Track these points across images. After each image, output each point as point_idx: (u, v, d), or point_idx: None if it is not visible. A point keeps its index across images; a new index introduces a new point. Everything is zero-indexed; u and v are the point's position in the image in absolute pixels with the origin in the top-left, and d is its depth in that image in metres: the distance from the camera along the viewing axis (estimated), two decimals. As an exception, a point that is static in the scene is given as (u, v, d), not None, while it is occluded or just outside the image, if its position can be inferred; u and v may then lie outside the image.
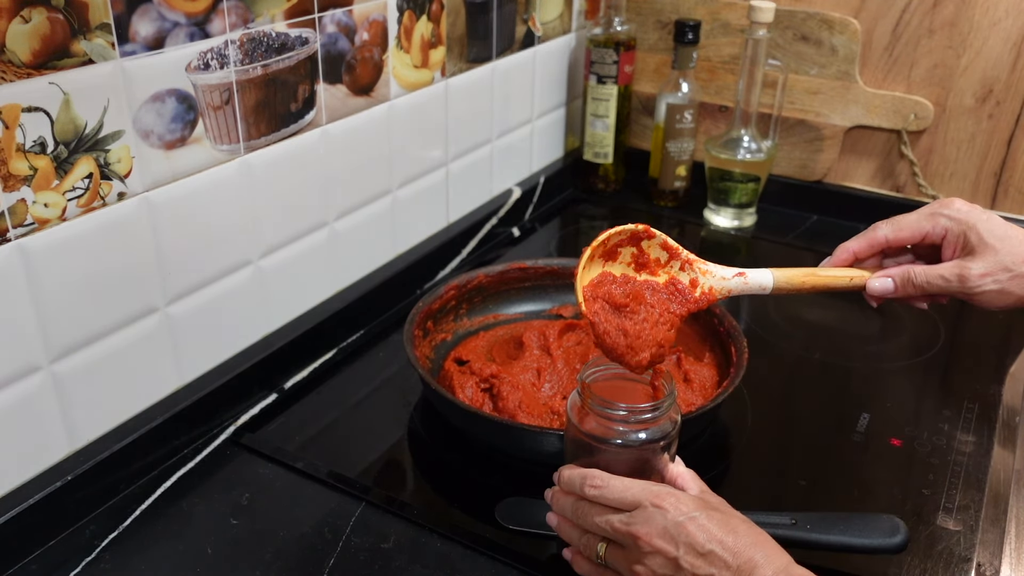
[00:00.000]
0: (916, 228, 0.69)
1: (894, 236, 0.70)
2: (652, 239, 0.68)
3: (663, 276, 0.68)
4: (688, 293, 0.68)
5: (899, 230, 0.69)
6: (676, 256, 0.68)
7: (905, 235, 0.69)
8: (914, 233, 0.69)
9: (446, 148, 1.10)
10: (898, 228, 0.69)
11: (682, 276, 0.68)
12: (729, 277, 0.69)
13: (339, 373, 0.93)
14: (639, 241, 0.68)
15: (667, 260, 0.68)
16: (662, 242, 0.68)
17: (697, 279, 0.69)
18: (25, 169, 0.63)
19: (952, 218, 0.68)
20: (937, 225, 0.68)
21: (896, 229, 0.69)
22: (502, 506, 0.73)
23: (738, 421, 0.85)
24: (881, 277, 0.70)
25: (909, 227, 0.69)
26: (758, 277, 0.70)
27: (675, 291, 0.68)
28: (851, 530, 0.66)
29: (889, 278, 0.70)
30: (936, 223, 0.68)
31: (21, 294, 0.65)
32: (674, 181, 1.32)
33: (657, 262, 0.68)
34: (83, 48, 0.65)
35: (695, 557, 0.55)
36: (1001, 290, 0.66)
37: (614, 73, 1.27)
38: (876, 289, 0.70)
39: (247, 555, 0.69)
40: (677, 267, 0.68)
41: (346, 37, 0.89)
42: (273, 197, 0.86)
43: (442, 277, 1.12)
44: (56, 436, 0.71)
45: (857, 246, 0.71)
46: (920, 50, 1.19)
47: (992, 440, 0.83)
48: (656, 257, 0.68)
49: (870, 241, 0.70)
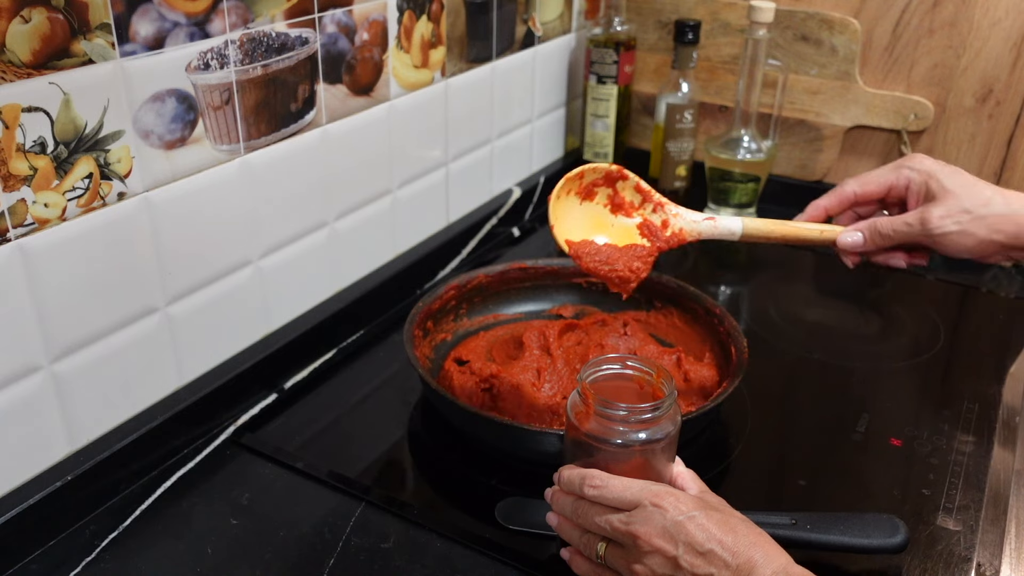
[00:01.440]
0: (882, 180, 0.72)
1: (861, 190, 0.73)
2: (626, 181, 0.73)
3: (637, 217, 0.73)
4: (660, 232, 0.73)
5: (866, 184, 0.73)
6: (649, 199, 0.74)
7: (872, 188, 0.72)
8: (880, 185, 0.72)
9: (446, 148, 1.10)
10: (865, 182, 0.73)
11: (654, 217, 0.74)
12: (699, 220, 0.75)
13: (339, 373, 0.93)
14: (614, 182, 0.73)
15: (640, 202, 0.74)
16: (635, 184, 0.73)
17: (668, 220, 0.74)
18: (25, 169, 0.63)
19: (915, 169, 0.71)
20: (901, 176, 0.71)
21: (863, 183, 0.73)
22: (502, 506, 0.73)
23: (738, 421, 0.85)
24: (851, 231, 0.73)
25: (875, 180, 0.73)
26: (728, 223, 0.74)
27: (648, 231, 0.73)
28: (851, 530, 0.66)
29: (858, 231, 0.73)
30: (900, 174, 0.72)
31: (21, 294, 0.65)
32: (674, 181, 1.32)
33: (631, 204, 0.74)
34: (83, 48, 0.65)
35: (694, 556, 0.55)
36: (962, 231, 0.68)
37: (614, 73, 1.27)
38: (847, 243, 0.73)
39: (247, 555, 0.69)
40: (650, 209, 0.74)
41: (346, 37, 0.89)
42: (273, 197, 0.86)
43: (442, 277, 1.12)
44: (56, 436, 0.71)
45: (827, 202, 0.74)
46: (920, 50, 1.19)
47: (992, 440, 0.83)
48: (631, 200, 0.73)
49: (839, 196, 0.74)
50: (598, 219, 0.73)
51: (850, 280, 1.15)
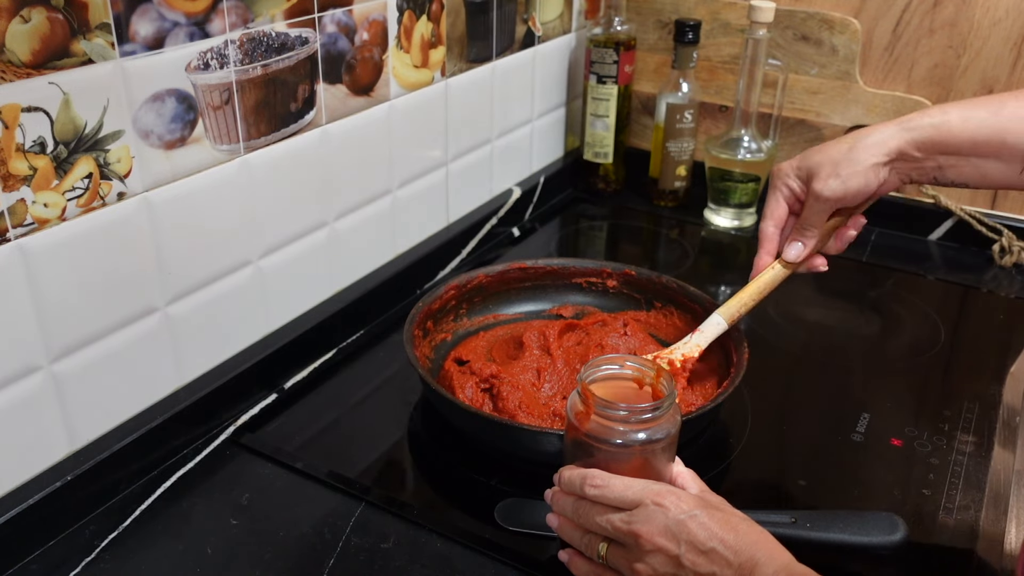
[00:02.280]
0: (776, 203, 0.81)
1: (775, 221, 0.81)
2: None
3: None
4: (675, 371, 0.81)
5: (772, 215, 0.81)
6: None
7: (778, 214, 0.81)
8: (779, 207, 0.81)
9: (446, 148, 1.10)
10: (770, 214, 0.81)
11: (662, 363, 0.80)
12: (688, 341, 0.83)
13: (339, 373, 0.93)
14: None
15: None
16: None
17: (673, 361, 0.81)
18: (25, 169, 0.63)
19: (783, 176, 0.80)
20: (783, 188, 0.80)
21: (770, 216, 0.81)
22: (502, 507, 0.73)
23: (738, 421, 0.85)
24: (787, 247, 0.81)
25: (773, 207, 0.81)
26: (711, 325, 0.83)
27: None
28: (851, 528, 0.66)
29: (793, 241, 0.80)
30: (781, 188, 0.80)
31: (21, 294, 0.65)
32: (674, 181, 1.32)
33: None
34: (83, 48, 0.65)
35: (696, 555, 0.55)
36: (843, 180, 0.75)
37: (614, 73, 1.27)
38: (792, 256, 0.81)
39: (247, 555, 0.69)
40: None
41: (346, 37, 0.89)
42: (273, 197, 0.86)
43: (442, 277, 1.12)
44: (56, 436, 0.71)
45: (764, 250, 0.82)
46: (920, 50, 1.19)
47: (992, 440, 0.83)
48: None
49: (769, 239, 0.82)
50: None
51: (850, 280, 1.15)
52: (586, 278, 1.00)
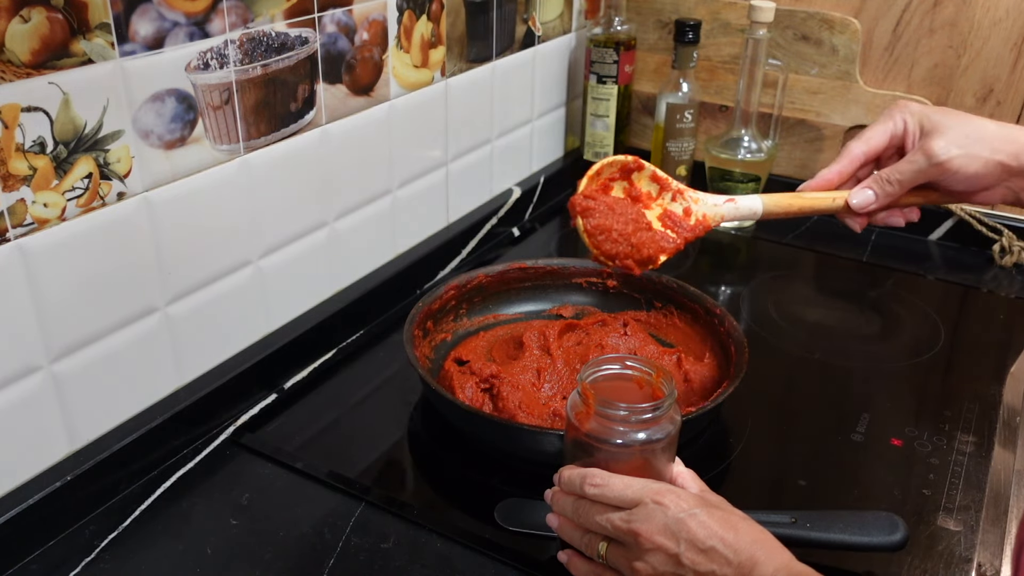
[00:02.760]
0: (882, 131, 0.73)
1: (867, 147, 0.73)
2: (642, 171, 0.70)
3: (656, 209, 0.70)
4: (683, 222, 0.70)
5: (869, 140, 0.73)
6: (667, 187, 0.70)
7: (875, 141, 0.73)
8: (882, 136, 0.73)
9: (446, 148, 1.10)
10: (868, 139, 0.73)
11: (674, 207, 0.70)
12: (720, 203, 0.72)
13: (339, 373, 0.93)
14: (629, 174, 0.70)
15: (658, 192, 0.71)
16: (651, 174, 0.70)
17: (690, 207, 0.71)
18: (24, 169, 0.63)
19: (908, 111, 0.73)
20: (897, 121, 0.72)
21: (867, 140, 0.73)
22: (501, 507, 0.73)
23: (738, 421, 0.85)
24: (859, 190, 0.73)
25: (876, 133, 0.73)
26: (748, 202, 0.72)
27: (670, 221, 0.70)
28: (851, 528, 0.66)
29: (867, 188, 0.73)
30: (896, 120, 0.73)
31: (21, 294, 0.65)
32: (674, 181, 1.32)
33: (649, 195, 0.70)
34: (83, 48, 0.65)
35: (696, 553, 0.55)
36: (966, 153, 0.68)
37: (614, 73, 1.27)
38: (859, 202, 0.73)
39: (247, 555, 0.69)
40: (669, 198, 0.70)
41: (346, 37, 0.89)
42: (273, 197, 0.86)
43: (442, 277, 1.12)
44: (56, 436, 0.71)
45: (838, 167, 0.74)
46: (920, 50, 1.19)
47: (992, 440, 0.82)
48: (647, 191, 0.70)
49: (849, 158, 0.73)
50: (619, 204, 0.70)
51: (850, 280, 1.15)
52: (586, 278, 1.00)
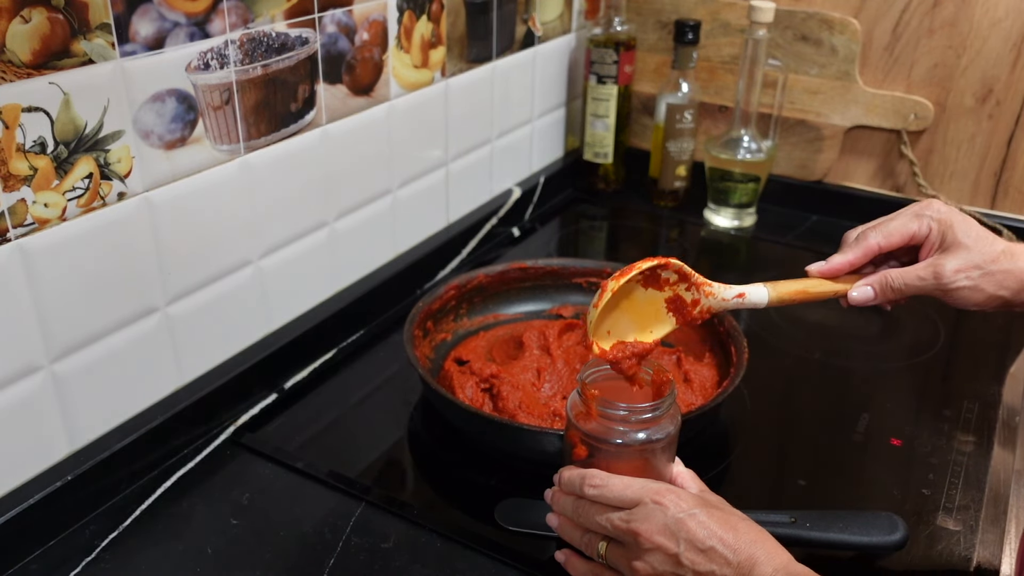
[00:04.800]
0: (905, 231, 0.70)
1: (886, 242, 0.71)
2: (668, 268, 0.68)
3: (668, 292, 0.69)
4: (686, 309, 0.70)
5: (889, 235, 0.71)
6: (686, 279, 0.69)
7: (895, 239, 0.71)
8: (903, 236, 0.71)
9: (446, 148, 1.10)
10: (888, 234, 0.71)
11: (686, 295, 0.70)
12: (729, 299, 0.71)
13: (339, 373, 0.93)
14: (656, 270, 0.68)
15: (676, 280, 0.69)
16: (677, 268, 0.69)
17: (699, 299, 0.70)
18: (25, 169, 0.63)
19: (934, 218, 0.70)
20: (923, 225, 0.70)
21: (887, 235, 0.71)
22: (501, 507, 0.73)
23: (738, 421, 0.85)
24: (861, 287, 0.72)
25: (898, 232, 0.71)
26: (754, 296, 0.71)
27: (674, 307, 0.70)
28: (850, 528, 0.66)
29: (868, 286, 0.71)
30: (922, 223, 0.70)
31: (21, 294, 0.65)
32: (674, 181, 1.32)
33: (666, 281, 0.69)
34: (83, 48, 0.65)
35: (695, 553, 0.56)
36: (974, 287, 0.68)
37: (614, 73, 1.27)
38: (858, 299, 0.72)
39: (247, 555, 0.69)
40: (684, 287, 0.70)
41: (346, 37, 0.89)
42: (273, 197, 0.86)
43: (442, 277, 1.12)
44: (56, 436, 0.71)
45: (852, 257, 0.72)
46: (920, 50, 1.19)
47: (992, 440, 0.83)
48: (666, 277, 0.69)
49: (864, 250, 0.72)
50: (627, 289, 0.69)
51: (850, 280, 1.15)
52: (586, 278, 1.00)
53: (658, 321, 0.70)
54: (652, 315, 0.69)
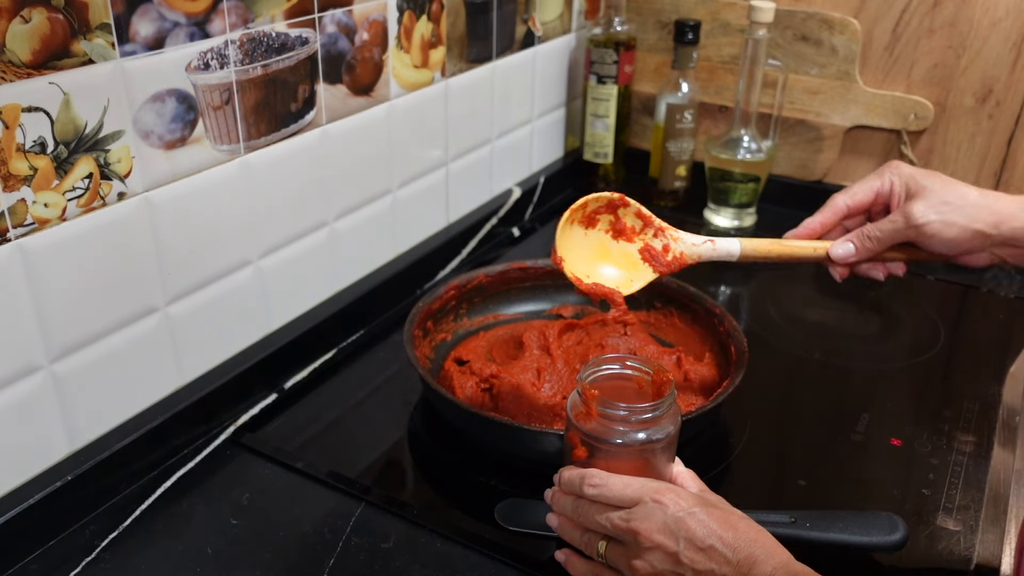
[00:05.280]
0: (868, 188, 0.74)
1: (852, 200, 0.75)
2: (627, 207, 0.75)
3: (639, 243, 0.76)
4: (661, 257, 0.76)
5: (854, 194, 0.75)
6: (649, 224, 0.76)
7: (860, 196, 0.74)
8: (867, 192, 0.74)
9: (446, 148, 1.10)
10: (853, 193, 0.75)
11: (655, 243, 0.76)
12: (699, 243, 0.76)
13: (339, 373, 0.93)
14: (615, 209, 0.75)
15: (641, 228, 0.76)
16: (636, 210, 0.75)
17: (669, 244, 0.76)
18: (25, 169, 0.63)
19: (897, 173, 0.74)
20: (885, 180, 0.74)
21: (851, 194, 0.75)
22: (501, 507, 0.73)
23: (738, 421, 0.85)
24: (841, 243, 0.75)
25: (862, 189, 0.75)
26: (726, 244, 0.76)
27: (649, 256, 0.76)
28: (850, 528, 0.66)
29: (848, 241, 0.75)
30: (884, 179, 0.74)
31: (21, 294, 0.65)
32: (674, 181, 1.32)
33: (632, 230, 0.76)
34: (83, 48, 0.65)
35: (695, 552, 0.56)
36: (943, 220, 0.70)
37: (614, 73, 1.27)
38: (839, 254, 0.75)
39: (247, 555, 0.69)
40: (651, 234, 0.76)
41: (346, 37, 0.89)
42: (273, 197, 0.86)
43: (442, 277, 1.12)
44: (56, 436, 0.71)
45: (821, 218, 0.76)
46: (920, 50, 1.19)
47: (992, 440, 0.83)
48: (631, 225, 0.76)
49: (832, 210, 0.75)
50: (601, 246, 0.76)
51: (850, 280, 1.15)
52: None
53: (637, 271, 0.75)
54: (631, 267, 0.75)
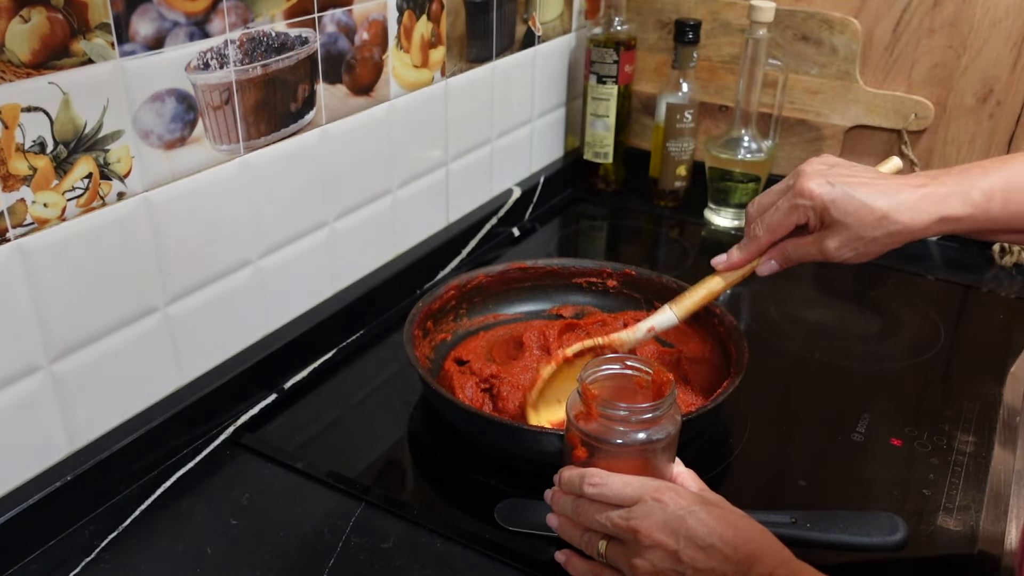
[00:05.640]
0: (787, 223, 0.76)
1: (775, 236, 0.77)
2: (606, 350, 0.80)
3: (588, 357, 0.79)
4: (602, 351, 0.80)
5: (774, 230, 0.76)
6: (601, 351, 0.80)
7: (781, 232, 0.77)
8: (787, 228, 0.76)
9: (446, 148, 1.10)
10: (773, 229, 0.76)
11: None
12: (642, 333, 0.81)
13: (339, 373, 0.93)
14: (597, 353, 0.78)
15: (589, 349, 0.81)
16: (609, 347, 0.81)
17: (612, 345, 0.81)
18: (25, 169, 0.63)
19: (809, 206, 0.74)
20: (800, 216, 0.74)
21: (771, 230, 0.77)
22: (501, 507, 0.73)
23: (738, 421, 0.85)
24: (765, 261, 0.78)
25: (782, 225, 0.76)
26: (664, 321, 0.81)
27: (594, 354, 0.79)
28: (851, 528, 0.66)
29: (772, 260, 0.78)
30: (799, 214, 0.74)
31: (21, 294, 0.65)
32: (674, 181, 1.32)
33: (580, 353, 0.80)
34: (83, 48, 0.65)
35: (695, 551, 0.56)
36: (859, 254, 0.73)
37: (614, 73, 1.27)
38: (764, 272, 0.79)
39: (247, 555, 0.69)
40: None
41: (346, 37, 0.89)
42: (273, 197, 0.86)
43: (442, 277, 1.12)
44: (56, 436, 0.71)
45: (748, 255, 0.79)
46: (920, 50, 1.19)
47: (992, 440, 0.82)
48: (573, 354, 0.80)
49: (757, 246, 0.78)
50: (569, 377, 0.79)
51: (850, 280, 1.15)
52: (586, 278, 1.00)
53: None
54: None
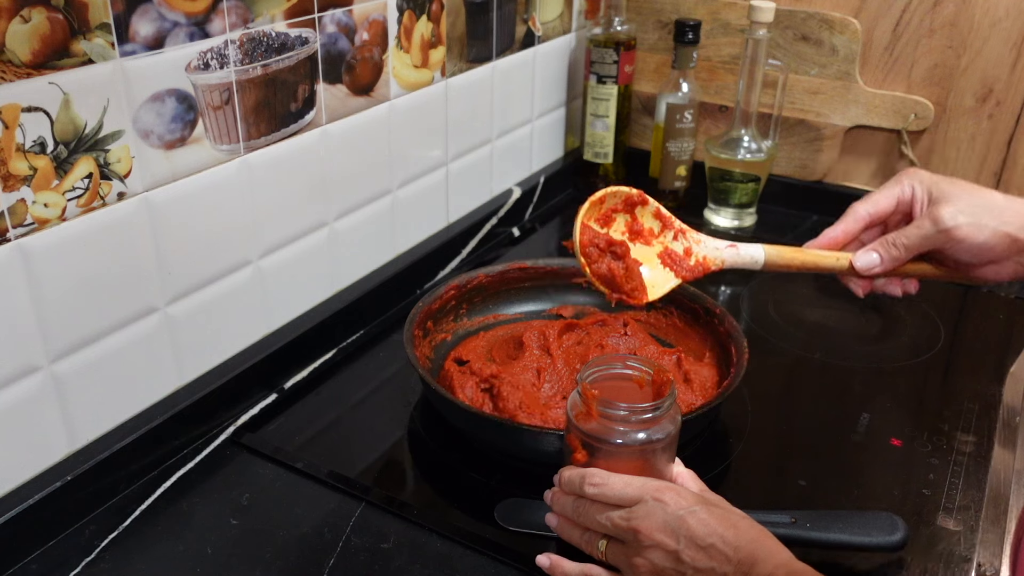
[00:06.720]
0: (890, 195, 0.72)
1: (874, 209, 0.72)
2: (645, 206, 0.70)
3: (658, 246, 0.69)
4: (683, 261, 0.70)
5: (876, 202, 0.72)
6: (669, 226, 0.70)
7: (882, 204, 0.72)
8: (889, 200, 0.72)
9: (446, 148, 1.10)
10: (874, 201, 0.72)
11: (675, 245, 0.70)
12: (722, 248, 0.71)
13: (339, 373, 0.93)
14: (633, 207, 0.69)
15: (660, 230, 0.70)
16: (655, 210, 0.70)
17: (691, 248, 0.70)
18: (25, 169, 0.63)
19: (918, 179, 0.72)
20: (905, 187, 0.71)
21: (872, 203, 0.72)
22: (501, 507, 0.73)
23: (738, 421, 0.85)
24: (864, 252, 0.73)
25: (883, 196, 0.72)
26: (750, 250, 0.72)
27: (670, 260, 0.70)
28: (850, 528, 0.66)
29: (872, 251, 0.72)
30: (904, 185, 0.72)
31: (21, 294, 0.65)
32: (674, 181, 1.32)
33: (651, 232, 0.70)
34: (83, 48, 0.65)
35: (696, 551, 0.56)
36: (974, 222, 0.68)
37: (614, 73, 1.27)
38: (863, 264, 0.72)
39: (247, 555, 0.69)
40: (670, 237, 0.70)
41: (346, 37, 0.89)
42: (273, 197, 0.86)
43: (442, 277, 1.12)
44: (56, 436, 0.71)
45: (843, 227, 0.74)
46: (920, 50, 1.19)
47: (992, 440, 0.83)
48: (650, 227, 0.70)
49: (853, 219, 0.73)
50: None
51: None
52: (586, 278, 1.00)
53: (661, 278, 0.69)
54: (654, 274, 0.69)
